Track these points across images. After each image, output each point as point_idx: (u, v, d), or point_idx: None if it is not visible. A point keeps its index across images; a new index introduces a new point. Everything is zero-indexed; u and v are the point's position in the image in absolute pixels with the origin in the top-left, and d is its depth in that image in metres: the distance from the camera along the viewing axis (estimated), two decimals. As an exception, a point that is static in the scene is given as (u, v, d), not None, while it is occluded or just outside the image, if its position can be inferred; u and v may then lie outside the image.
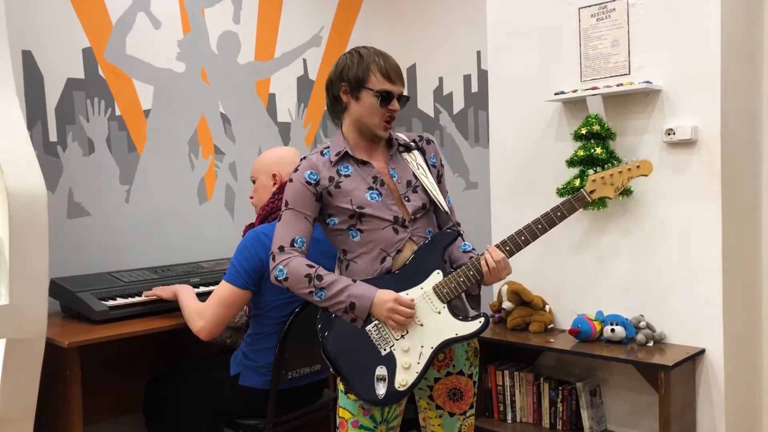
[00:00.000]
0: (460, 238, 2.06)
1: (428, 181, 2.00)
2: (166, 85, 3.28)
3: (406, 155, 2.03)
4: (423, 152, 2.06)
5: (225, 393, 2.46)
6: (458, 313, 1.93)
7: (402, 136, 2.06)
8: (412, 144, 2.05)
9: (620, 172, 2.01)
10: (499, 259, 1.89)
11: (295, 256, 1.91)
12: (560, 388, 2.88)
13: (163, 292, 2.64)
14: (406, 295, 1.89)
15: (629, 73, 2.75)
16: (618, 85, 2.70)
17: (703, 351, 2.64)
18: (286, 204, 1.95)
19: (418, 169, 2.01)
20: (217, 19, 3.46)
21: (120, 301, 2.62)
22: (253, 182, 2.61)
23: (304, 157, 1.99)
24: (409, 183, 1.98)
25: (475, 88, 3.85)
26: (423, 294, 1.90)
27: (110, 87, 3.09)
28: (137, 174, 3.19)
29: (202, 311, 2.38)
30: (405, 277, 1.91)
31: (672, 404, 2.48)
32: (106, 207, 3.08)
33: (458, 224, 2.11)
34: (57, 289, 2.70)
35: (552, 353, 3.00)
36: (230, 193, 3.53)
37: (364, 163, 1.96)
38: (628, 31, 2.74)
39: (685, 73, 2.62)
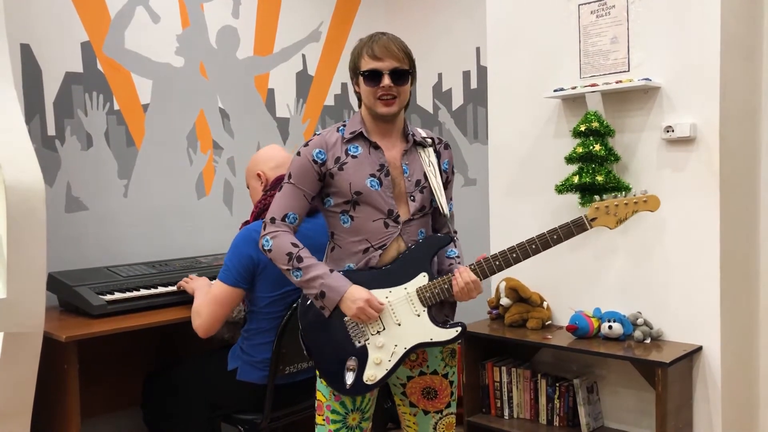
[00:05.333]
0: (452, 243, 2.06)
1: (435, 182, 1.99)
2: (164, 80, 3.27)
3: (420, 150, 2.02)
4: (438, 155, 2.05)
5: (223, 387, 2.47)
6: (437, 318, 1.93)
7: (421, 132, 2.05)
8: (429, 141, 2.04)
9: (626, 204, 1.94)
10: (468, 281, 1.88)
11: (284, 231, 1.94)
12: (557, 384, 2.88)
13: (187, 286, 2.70)
14: (390, 293, 1.91)
15: (628, 70, 2.75)
16: (617, 82, 2.70)
17: (700, 348, 2.64)
18: (289, 176, 1.96)
19: (429, 166, 2.00)
20: (216, 13, 3.46)
21: (118, 295, 2.62)
22: (248, 188, 2.65)
23: (318, 133, 2.00)
24: (418, 182, 1.97)
25: (474, 85, 3.85)
26: (406, 294, 1.91)
27: (109, 81, 3.09)
28: (135, 168, 3.18)
29: (199, 310, 2.41)
30: (392, 275, 1.92)
31: (669, 401, 2.48)
32: (104, 201, 3.08)
33: (455, 232, 2.11)
34: (55, 283, 2.70)
35: (549, 350, 3.00)
36: (228, 188, 3.52)
37: (376, 147, 1.95)
38: (628, 28, 2.74)
39: (685, 70, 2.62)
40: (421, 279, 1.91)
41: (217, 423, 2.57)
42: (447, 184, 2.09)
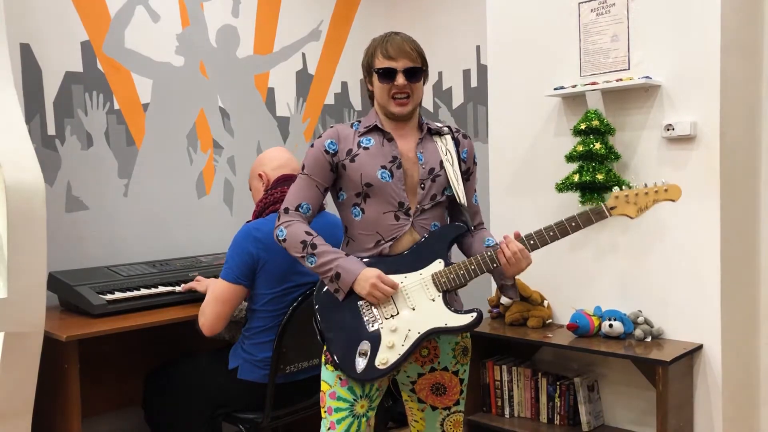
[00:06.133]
0: (485, 231, 2.07)
1: (452, 170, 1.99)
2: (164, 79, 3.27)
3: (437, 138, 2.03)
4: (457, 142, 2.06)
5: (224, 386, 2.47)
6: (453, 304, 1.93)
7: (437, 123, 2.06)
8: (446, 129, 2.05)
9: (646, 193, 1.93)
10: (516, 250, 1.88)
11: (297, 220, 1.96)
12: (558, 383, 2.88)
13: (199, 285, 2.72)
14: (405, 278, 1.91)
15: (629, 69, 2.75)
16: (617, 81, 2.70)
17: (700, 347, 2.64)
18: (303, 168, 2.00)
19: (446, 154, 2.00)
20: (216, 12, 3.46)
21: (118, 295, 2.62)
22: (251, 189, 2.67)
23: (332, 126, 2.03)
24: (431, 170, 1.97)
25: (474, 83, 3.85)
26: (421, 279, 1.91)
27: (109, 81, 3.09)
28: (136, 168, 3.18)
29: (203, 308, 2.42)
30: (407, 262, 1.92)
31: (669, 399, 2.48)
32: (104, 201, 3.08)
33: (482, 224, 2.11)
34: (55, 282, 2.70)
35: (550, 348, 3.00)
36: (229, 188, 3.52)
37: (390, 139, 1.96)
38: (628, 27, 2.74)
39: (685, 68, 2.62)
40: (437, 265, 1.91)
41: (218, 422, 2.57)
42: (468, 175, 2.08)
